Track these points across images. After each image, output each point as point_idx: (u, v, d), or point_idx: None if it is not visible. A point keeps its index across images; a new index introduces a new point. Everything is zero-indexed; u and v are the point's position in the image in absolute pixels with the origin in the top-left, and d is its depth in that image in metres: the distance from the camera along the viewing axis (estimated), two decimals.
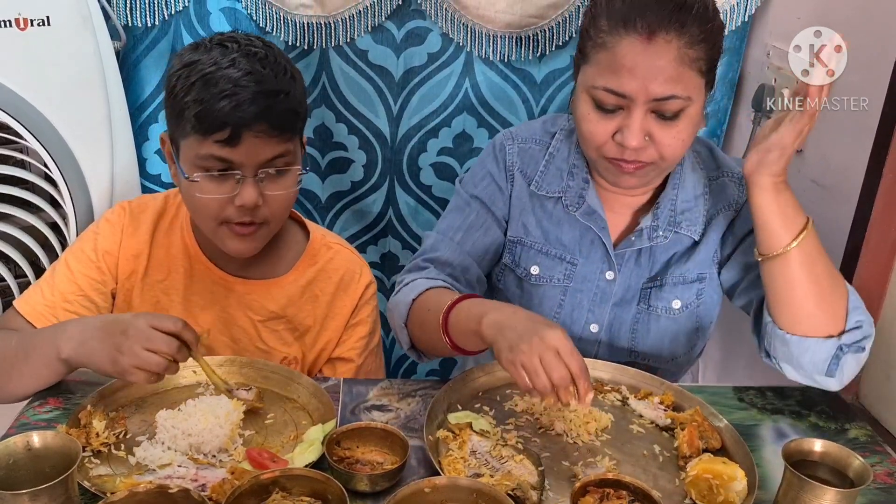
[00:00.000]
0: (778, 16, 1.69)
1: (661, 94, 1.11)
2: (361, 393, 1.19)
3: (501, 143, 1.35)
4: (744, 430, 1.11)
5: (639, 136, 1.13)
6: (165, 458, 1.01)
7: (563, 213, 1.31)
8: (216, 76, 1.12)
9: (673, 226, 1.28)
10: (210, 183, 1.16)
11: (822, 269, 1.14)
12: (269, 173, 1.17)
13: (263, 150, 1.15)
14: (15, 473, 0.85)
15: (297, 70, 1.22)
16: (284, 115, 1.16)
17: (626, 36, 1.11)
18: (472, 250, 1.32)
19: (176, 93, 1.15)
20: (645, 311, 1.32)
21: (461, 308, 1.12)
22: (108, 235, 1.29)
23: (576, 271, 1.32)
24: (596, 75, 1.14)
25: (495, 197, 1.34)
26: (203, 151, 1.14)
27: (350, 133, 1.84)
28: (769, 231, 1.13)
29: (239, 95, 1.11)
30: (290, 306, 1.32)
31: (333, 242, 1.38)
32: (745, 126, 1.79)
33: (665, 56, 1.10)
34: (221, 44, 1.17)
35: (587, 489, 0.93)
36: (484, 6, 1.71)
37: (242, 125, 1.12)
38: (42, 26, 1.44)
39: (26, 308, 1.25)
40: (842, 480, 0.93)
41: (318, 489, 0.90)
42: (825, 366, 1.14)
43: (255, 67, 1.14)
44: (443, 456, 1.03)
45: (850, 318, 1.14)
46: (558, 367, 0.96)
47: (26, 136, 1.47)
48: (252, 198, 1.15)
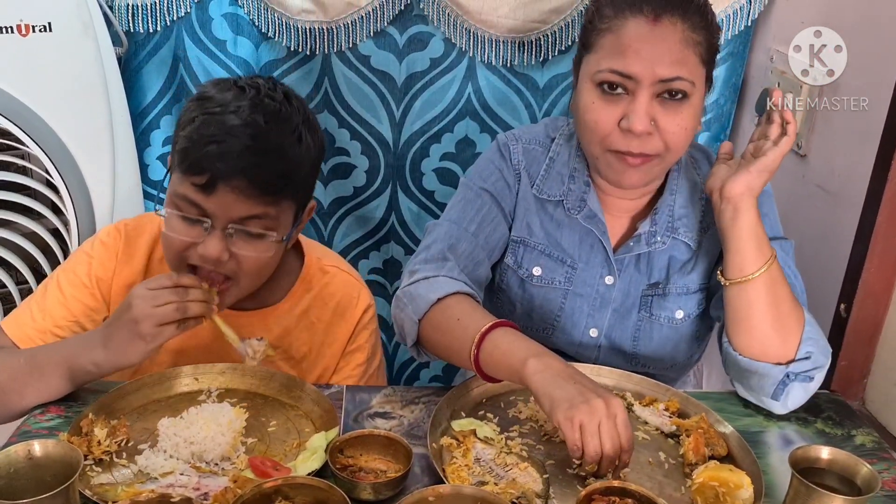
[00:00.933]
0: (781, 20, 1.68)
1: (667, 75, 1.12)
2: (364, 400, 1.18)
3: (506, 142, 1.34)
4: (750, 437, 1.10)
5: (644, 119, 1.13)
6: (167, 467, 1.00)
7: (564, 216, 1.31)
8: (214, 119, 1.09)
9: (671, 231, 1.28)
10: (179, 223, 1.12)
11: (782, 295, 1.15)
12: (241, 231, 1.12)
13: (238, 206, 1.09)
14: (16, 482, 0.85)
15: (314, 134, 1.16)
16: (269, 176, 1.09)
17: (631, 18, 1.13)
18: (485, 244, 1.30)
19: (180, 123, 1.13)
20: (647, 318, 1.32)
21: (498, 340, 1.08)
22: (104, 261, 1.25)
23: (576, 275, 1.31)
24: (601, 59, 1.15)
25: (504, 193, 1.32)
26: (180, 190, 1.11)
27: (352, 138, 1.84)
28: (743, 255, 1.15)
29: (227, 144, 1.07)
30: (286, 336, 1.29)
31: (329, 266, 1.33)
32: (748, 130, 1.79)
33: (671, 37, 1.12)
34: (242, 87, 1.13)
35: (592, 497, 0.92)
36: (486, 11, 1.70)
37: (219, 176, 1.07)
38: (44, 32, 1.44)
39: (14, 331, 1.21)
40: (849, 488, 0.92)
41: (322, 497, 0.90)
42: (772, 390, 1.16)
43: (256, 119, 1.09)
44: (447, 464, 1.02)
45: (801, 347, 1.15)
46: (614, 437, 0.96)
47: (28, 143, 1.47)
48: (214, 251, 1.10)
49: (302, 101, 1.19)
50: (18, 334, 1.21)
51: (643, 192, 1.29)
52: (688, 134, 1.18)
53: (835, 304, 1.34)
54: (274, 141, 1.10)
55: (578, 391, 0.98)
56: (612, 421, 0.96)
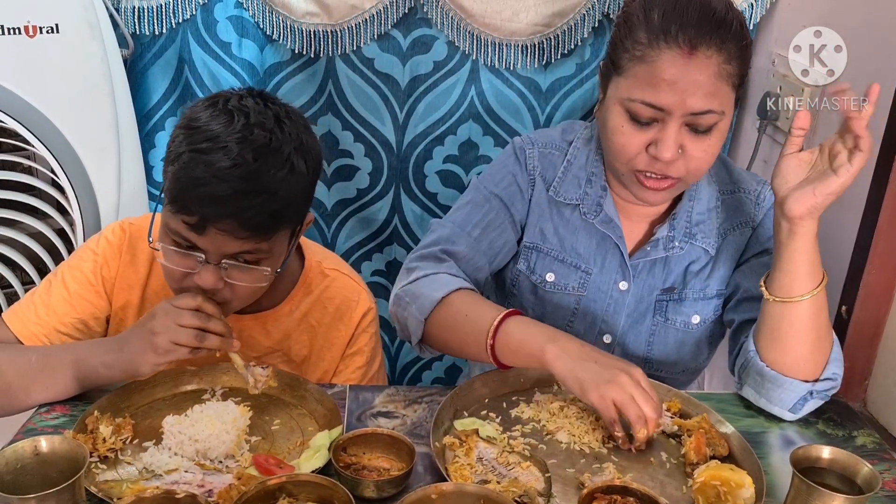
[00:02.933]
0: (783, 24, 1.69)
1: (699, 109, 1.11)
2: (368, 399, 1.19)
3: (521, 146, 1.33)
4: (751, 438, 1.11)
5: (673, 148, 1.13)
6: (172, 464, 1.00)
7: (580, 220, 1.30)
8: (202, 158, 1.05)
9: (689, 237, 1.28)
10: (173, 255, 1.12)
11: (824, 319, 1.14)
12: (235, 263, 1.11)
13: (229, 244, 1.09)
14: (23, 478, 0.85)
15: (308, 154, 1.13)
16: (259, 217, 1.07)
17: (666, 50, 1.10)
18: (488, 250, 1.30)
19: (171, 150, 1.10)
20: (662, 322, 1.31)
21: (515, 326, 1.12)
22: (109, 260, 1.25)
23: (590, 281, 1.31)
24: (633, 87, 1.13)
25: (515, 199, 1.31)
26: (172, 225, 1.10)
27: (356, 141, 1.85)
28: (793, 276, 1.12)
29: (214, 188, 1.04)
30: (286, 340, 1.29)
31: (330, 269, 1.32)
32: (750, 133, 1.79)
33: (705, 71, 1.10)
34: (231, 112, 1.08)
35: (594, 496, 0.92)
36: (490, 15, 1.71)
37: (209, 219, 1.06)
38: (51, 34, 1.45)
39: (17, 325, 1.21)
40: (850, 487, 0.93)
41: (325, 495, 0.90)
42: (792, 404, 1.16)
43: (245, 159, 1.05)
44: (449, 462, 1.02)
45: (828, 368, 1.16)
46: (650, 401, 1.04)
47: (34, 143, 1.48)
48: (210, 282, 1.10)
49: (296, 116, 1.15)
50: (22, 331, 1.21)
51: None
52: (713, 158, 1.17)
53: (836, 306, 1.35)
54: (264, 180, 1.07)
55: (603, 369, 1.05)
56: (640, 388, 1.03)
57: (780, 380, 1.15)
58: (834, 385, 1.17)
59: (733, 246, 1.30)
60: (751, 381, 1.19)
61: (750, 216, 1.30)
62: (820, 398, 1.17)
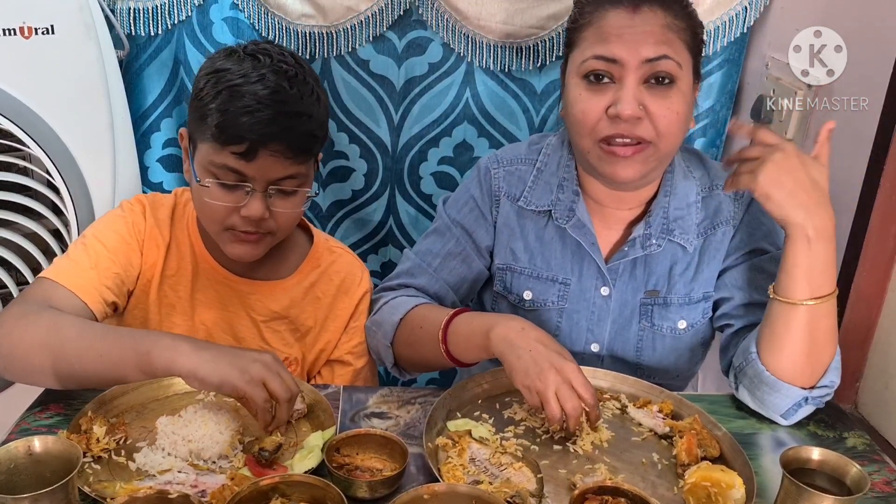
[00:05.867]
0: (777, 27, 1.70)
1: (652, 55, 1.12)
2: (361, 400, 1.19)
3: (486, 167, 1.34)
4: (742, 439, 1.11)
5: (632, 103, 1.12)
6: (165, 464, 1.01)
7: (554, 230, 1.30)
8: (242, 90, 1.14)
9: (666, 233, 1.27)
10: (220, 191, 1.18)
11: (823, 331, 1.14)
12: (279, 190, 1.19)
13: (276, 168, 1.17)
14: (16, 478, 0.85)
15: (323, 92, 1.23)
16: (302, 138, 1.17)
17: (611, 9, 1.14)
18: (449, 278, 1.34)
19: (202, 97, 1.17)
20: (648, 328, 1.31)
21: (461, 321, 1.16)
22: (137, 220, 1.29)
23: (570, 291, 1.31)
24: (585, 50, 1.16)
25: (477, 225, 1.33)
26: (218, 160, 1.16)
27: (351, 142, 1.85)
28: (791, 279, 1.13)
29: (261, 113, 1.13)
30: (293, 307, 1.34)
31: (336, 247, 1.41)
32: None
33: (652, 22, 1.13)
34: (254, 55, 1.18)
35: (586, 496, 0.93)
36: (485, 17, 1.72)
37: (259, 142, 1.14)
38: (46, 35, 1.45)
39: (71, 280, 1.17)
40: (839, 488, 0.93)
41: (318, 495, 0.90)
42: (785, 409, 1.17)
43: (282, 86, 1.15)
44: (442, 463, 1.03)
45: (826, 376, 1.16)
46: (572, 398, 1.03)
47: (29, 144, 1.48)
48: (258, 211, 1.17)
49: (302, 59, 1.24)
50: (75, 283, 1.18)
51: (638, 200, 1.28)
52: (680, 120, 1.16)
53: None
54: (300, 104, 1.16)
55: (534, 359, 1.05)
56: (566, 386, 1.03)
57: (777, 384, 1.15)
58: (829, 392, 1.17)
59: (716, 247, 1.29)
60: (747, 383, 1.19)
61: (730, 213, 1.29)
62: (814, 404, 1.17)
